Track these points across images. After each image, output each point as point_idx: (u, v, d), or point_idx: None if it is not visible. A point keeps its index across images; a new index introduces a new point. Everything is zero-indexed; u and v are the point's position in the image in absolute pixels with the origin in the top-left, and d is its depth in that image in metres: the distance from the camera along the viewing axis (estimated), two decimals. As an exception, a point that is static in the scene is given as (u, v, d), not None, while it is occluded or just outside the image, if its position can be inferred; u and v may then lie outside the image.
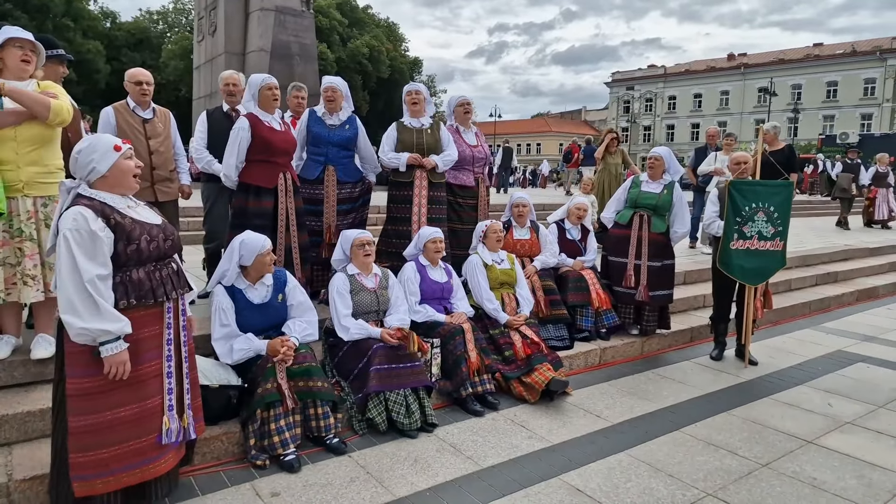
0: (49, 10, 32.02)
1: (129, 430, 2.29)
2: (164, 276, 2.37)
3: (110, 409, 2.25)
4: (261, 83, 4.03)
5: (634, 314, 5.02)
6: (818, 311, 6.76)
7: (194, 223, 7.41)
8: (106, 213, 2.22)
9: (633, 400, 3.99)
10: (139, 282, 2.28)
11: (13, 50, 2.93)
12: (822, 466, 3.13)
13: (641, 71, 60.95)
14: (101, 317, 2.14)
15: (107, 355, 2.17)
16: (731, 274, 4.57)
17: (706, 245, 8.11)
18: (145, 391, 2.33)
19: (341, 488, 2.76)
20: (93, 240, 2.16)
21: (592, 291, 4.87)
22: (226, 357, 3.20)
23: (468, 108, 5.00)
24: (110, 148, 2.29)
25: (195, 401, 2.58)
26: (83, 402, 2.21)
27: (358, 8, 41.06)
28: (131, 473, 2.29)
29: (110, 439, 2.24)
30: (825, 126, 46.81)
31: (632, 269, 4.84)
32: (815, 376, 4.57)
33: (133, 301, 2.26)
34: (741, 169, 4.72)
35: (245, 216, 3.91)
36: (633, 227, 4.85)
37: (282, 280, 3.44)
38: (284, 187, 4.03)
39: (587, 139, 12.57)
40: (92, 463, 2.22)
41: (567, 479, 2.91)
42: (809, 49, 51.62)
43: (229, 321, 3.22)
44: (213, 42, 14.60)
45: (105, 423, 2.24)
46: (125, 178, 2.34)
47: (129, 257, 2.26)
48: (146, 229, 2.32)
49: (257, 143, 3.92)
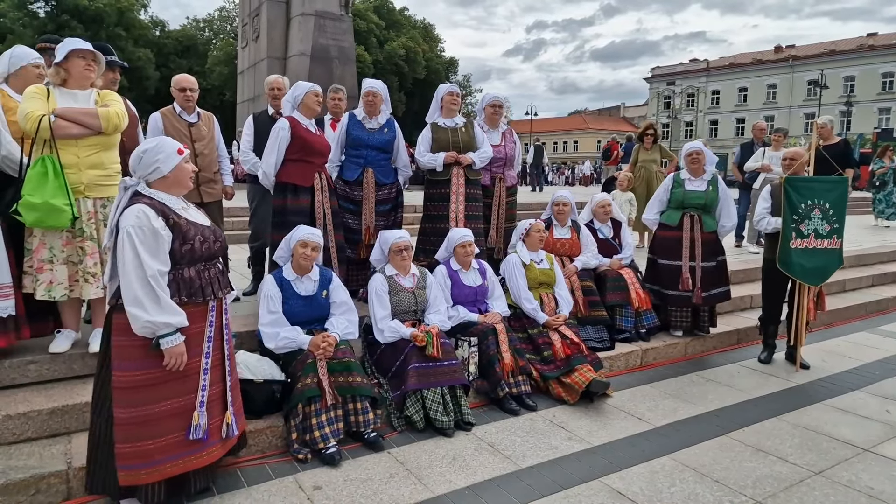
0: (103, 21, 33.44)
1: (175, 423, 2.37)
2: (213, 276, 2.48)
3: (157, 402, 2.32)
4: (308, 89, 4.15)
5: (692, 317, 4.89)
6: (875, 313, 6.47)
7: (238, 223, 7.62)
8: (165, 212, 2.33)
9: (676, 402, 3.89)
10: (190, 280, 2.38)
11: (77, 60, 3.09)
12: (879, 476, 2.98)
13: (683, 65, 59.39)
14: (164, 310, 2.24)
15: (166, 347, 2.28)
16: (792, 274, 4.39)
17: (752, 244, 7.86)
18: (191, 385, 2.42)
19: (381, 484, 2.79)
20: (155, 237, 2.26)
21: (632, 291, 4.77)
22: (270, 342, 3.31)
23: (497, 110, 5.00)
24: (174, 151, 2.41)
25: (237, 399, 2.66)
26: (130, 395, 2.29)
27: (395, 10, 41.40)
28: (175, 464, 2.37)
29: (156, 431, 2.32)
30: (881, 119, 44.69)
31: (687, 271, 4.70)
32: (871, 381, 4.37)
33: (184, 298, 2.35)
34: (792, 165, 4.56)
35: (284, 214, 4.02)
36: (683, 228, 4.72)
37: (327, 277, 3.58)
38: (321, 186, 4.12)
39: (627, 136, 12.30)
40: (137, 453, 2.30)
41: (608, 482, 2.87)
42: (863, 39, 49.32)
43: (277, 308, 3.36)
44: (256, 47, 14.97)
45: (152, 415, 2.32)
46: (184, 179, 2.46)
47: (182, 256, 2.35)
48: (199, 230, 2.42)
49: (296, 143, 4.03)
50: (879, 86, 46.39)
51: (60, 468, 2.61)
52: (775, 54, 53.39)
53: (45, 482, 2.56)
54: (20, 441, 2.83)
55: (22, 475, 2.53)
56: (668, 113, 55.77)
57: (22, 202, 2.90)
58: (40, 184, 2.90)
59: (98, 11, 33.05)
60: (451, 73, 44.43)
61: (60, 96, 3.07)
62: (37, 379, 3.13)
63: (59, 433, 2.91)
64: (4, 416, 2.81)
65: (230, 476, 2.81)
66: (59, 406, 2.93)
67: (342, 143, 4.56)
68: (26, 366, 3.11)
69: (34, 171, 2.93)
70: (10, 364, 3.06)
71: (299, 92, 4.15)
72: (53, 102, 3.02)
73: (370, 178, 4.49)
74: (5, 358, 3.06)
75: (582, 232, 4.96)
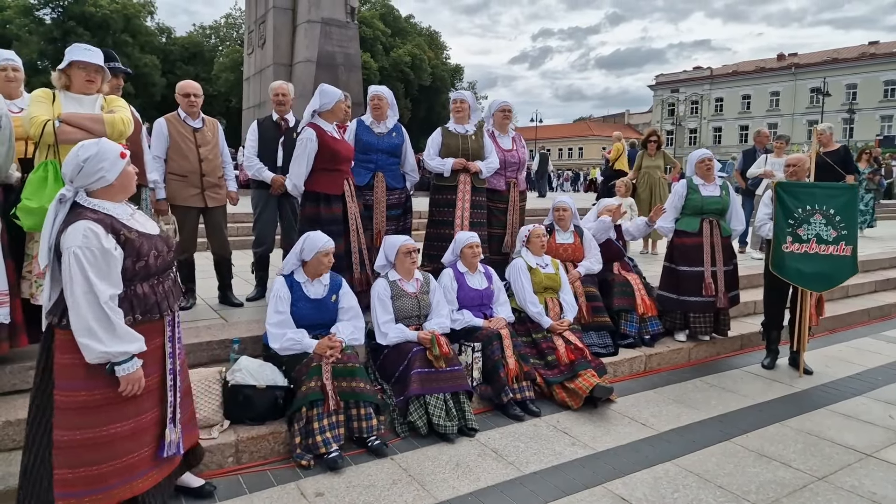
0: (109, 27, 33.72)
1: (126, 445, 2.18)
2: (167, 289, 2.30)
3: (107, 425, 2.13)
4: (339, 98, 4.12)
5: (714, 322, 4.89)
6: (878, 319, 6.44)
7: (243, 229, 7.65)
8: (115, 228, 2.11)
9: (679, 408, 3.89)
10: (144, 296, 2.20)
11: (78, 71, 3.09)
12: (882, 481, 2.97)
13: (687, 73, 59.47)
14: (120, 338, 2.05)
15: (123, 374, 2.09)
16: (786, 278, 4.43)
17: (756, 250, 7.85)
18: (142, 405, 2.23)
19: (384, 490, 2.79)
20: (105, 258, 2.04)
21: (638, 297, 4.79)
22: (275, 342, 3.32)
23: (508, 115, 5.03)
24: (117, 155, 2.18)
25: (185, 412, 2.47)
26: (76, 417, 2.09)
27: (400, 17, 41.62)
28: (122, 489, 2.18)
29: (101, 455, 2.12)
30: (883, 126, 44.64)
31: (710, 276, 4.70)
32: (874, 387, 4.35)
33: (139, 316, 2.17)
34: (792, 171, 4.59)
35: (319, 223, 3.98)
36: (703, 234, 4.74)
37: (337, 283, 3.60)
38: (350, 192, 4.17)
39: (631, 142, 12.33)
40: (83, 479, 2.09)
41: (611, 488, 2.86)
42: (865, 47, 49.32)
43: (285, 309, 3.37)
44: (263, 54, 15.08)
45: (104, 438, 2.12)
46: (129, 184, 2.25)
47: (136, 273, 2.16)
48: (153, 243, 2.23)
49: (324, 153, 4.03)
50: (881, 93, 46.38)
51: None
52: (778, 62, 53.45)
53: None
54: (20, 448, 2.76)
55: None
56: (672, 120, 55.80)
57: (20, 206, 2.87)
58: (40, 188, 2.88)
59: (105, 18, 33.34)
60: (457, 81, 44.57)
61: (66, 100, 3.07)
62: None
63: (60, 439, 2.90)
64: (4, 423, 2.80)
65: (231, 483, 2.81)
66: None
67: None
68: (27, 371, 3.08)
69: (35, 175, 2.92)
70: (10, 370, 3.06)
71: (328, 100, 4.09)
72: (59, 107, 3.02)
73: (381, 183, 4.50)
74: (6, 364, 3.06)
75: (585, 236, 4.96)
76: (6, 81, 3.42)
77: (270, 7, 14.56)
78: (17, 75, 3.49)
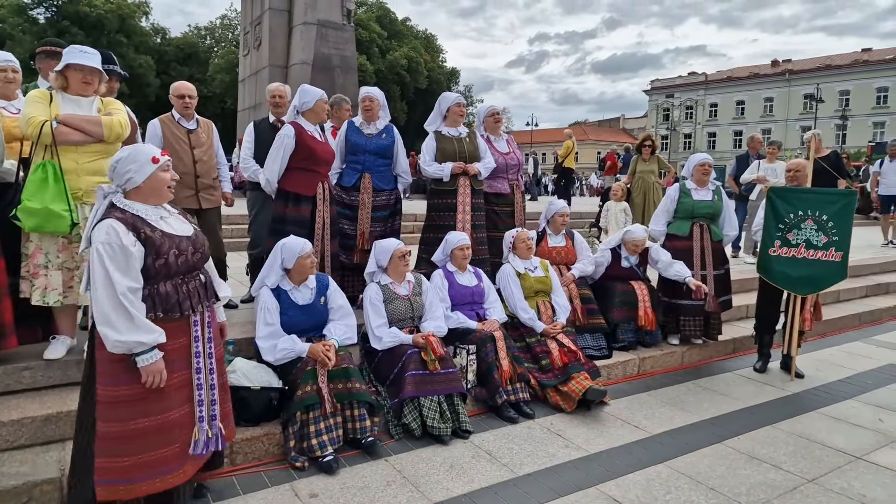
0: (104, 27, 33.55)
1: (152, 440, 2.27)
2: (192, 290, 2.37)
3: (134, 419, 2.24)
4: (318, 97, 4.12)
5: (704, 325, 4.92)
6: (868, 324, 6.51)
7: (238, 230, 7.65)
8: (137, 226, 2.22)
9: (672, 411, 3.91)
10: (166, 295, 2.28)
11: (74, 73, 3.09)
12: (871, 483, 3.00)
13: (682, 78, 59.85)
14: (136, 328, 2.15)
15: (143, 365, 2.19)
16: (772, 281, 4.51)
17: (749, 254, 7.90)
18: (168, 403, 2.32)
19: (378, 491, 2.80)
20: (124, 254, 2.16)
21: (641, 308, 4.69)
22: (268, 355, 3.29)
23: (498, 118, 5.06)
24: (148, 159, 2.30)
25: (224, 407, 2.56)
26: (111, 409, 2.23)
27: (397, 20, 41.62)
28: (151, 483, 2.28)
29: (133, 448, 2.24)
30: (875, 133, 44.97)
31: (699, 279, 4.72)
32: (864, 390, 4.40)
33: (160, 314, 2.26)
34: (793, 175, 4.68)
35: (283, 223, 4.00)
36: (693, 237, 4.78)
37: (324, 283, 3.56)
38: (322, 196, 4.13)
39: (626, 147, 12.42)
40: (116, 469, 2.23)
41: (604, 489, 2.88)
42: (857, 54, 49.85)
43: (274, 321, 3.33)
44: (258, 55, 15.05)
45: (130, 432, 2.24)
46: (160, 189, 2.35)
47: (157, 271, 2.26)
48: (175, 243, 2.31)
49: (301, 151, 4.02)
50: (874, 100, 46.82)
51: (54, 475, 2.60)
52: (772, 68, 53.86)
53: (38, 489, 2.55)
54: (13, 448, 2.81)
55: (15, 482, 2.53)
56: (667, 125, 56.07)
57: (21, 207, 2.89)
58: (40, 189, 2.89)
59: (99, 18, 33.16)
60: (453, 83, 44.62)
61: (63, 102, 3.08)
62: (31, 385, 3.11)
63: (52, 440, 2.89)
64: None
65: (225, 484, 2.81)
66: (54, 413, 2.91)
67: (342, 151, 4.59)
68: (20, 372, 3.09)
69: (34, 176, 2.92)
70: (4, 370, 3.05)
71: (308, 99, 4.10)
72: (56, 108, 3.03)
73: (367, 184, 4.49)
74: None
75: (576, 239, 4.99)
76: (5, 83, 3.43)
77: (266, 8, 14.54)
78: (16, 77, 3.51)
